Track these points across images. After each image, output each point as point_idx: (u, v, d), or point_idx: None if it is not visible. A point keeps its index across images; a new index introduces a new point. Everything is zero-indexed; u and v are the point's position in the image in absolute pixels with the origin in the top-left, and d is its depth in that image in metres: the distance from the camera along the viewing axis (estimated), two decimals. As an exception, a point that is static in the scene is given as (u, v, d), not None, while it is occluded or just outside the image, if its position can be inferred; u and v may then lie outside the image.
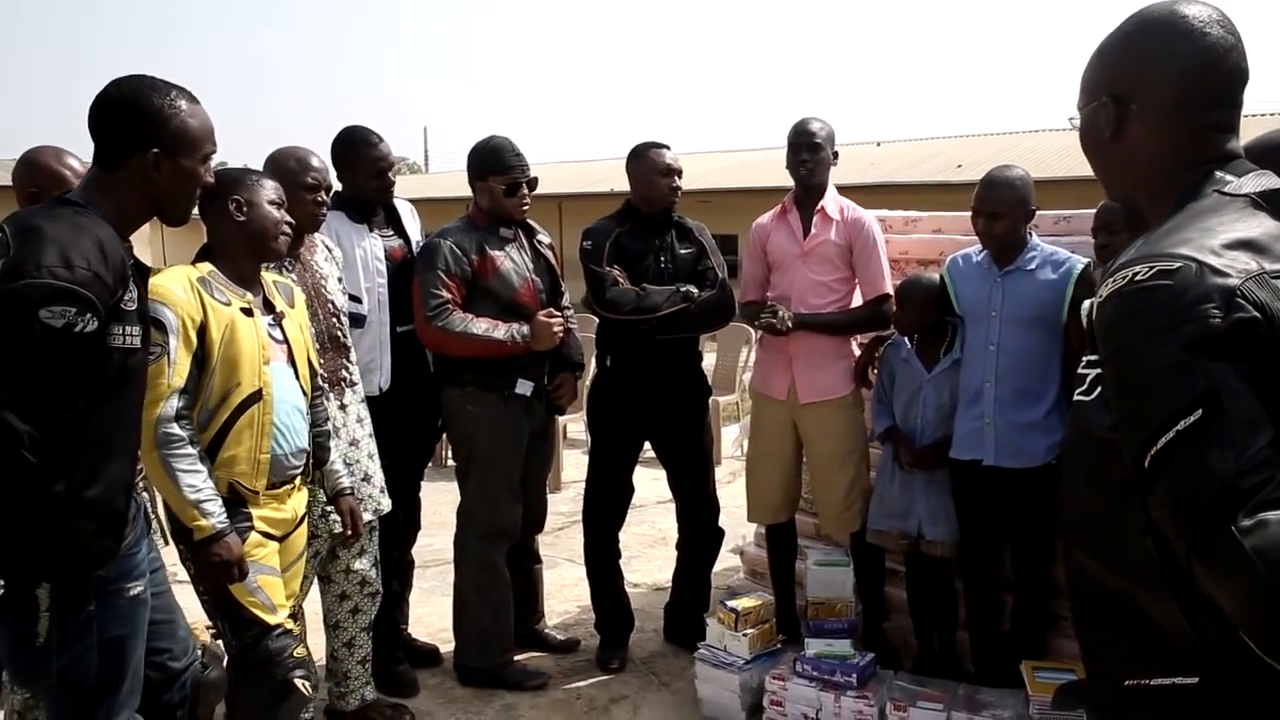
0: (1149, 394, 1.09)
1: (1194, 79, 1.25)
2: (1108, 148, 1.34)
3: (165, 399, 2.24)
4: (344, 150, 3.32)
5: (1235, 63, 1.26)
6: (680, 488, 3.80)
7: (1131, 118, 1.29)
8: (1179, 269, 1.09)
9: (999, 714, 2.89)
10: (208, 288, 2.36)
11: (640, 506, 5.34)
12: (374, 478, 3.08)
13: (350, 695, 3.22)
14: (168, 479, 2.25)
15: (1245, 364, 1.05)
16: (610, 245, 3.55)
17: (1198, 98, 1.26)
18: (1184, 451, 1.05)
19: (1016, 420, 3.05)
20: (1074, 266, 3.02)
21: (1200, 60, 1.24)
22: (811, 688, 3.10)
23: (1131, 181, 1.35)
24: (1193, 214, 1.20)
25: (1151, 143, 1.29)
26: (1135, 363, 1.11)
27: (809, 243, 3.45)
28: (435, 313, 3.24)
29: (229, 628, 2.43)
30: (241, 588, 2.38)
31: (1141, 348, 1.10)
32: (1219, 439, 1.03)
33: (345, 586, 3.12)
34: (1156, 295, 1.10)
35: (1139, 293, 1.11)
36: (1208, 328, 1.06)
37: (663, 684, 3.61)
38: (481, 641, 3.53)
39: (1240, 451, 1.02)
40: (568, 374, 3.60)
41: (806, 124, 3.46)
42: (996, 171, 3.11)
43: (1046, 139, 19.18)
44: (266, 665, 2.39)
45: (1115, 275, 1.15)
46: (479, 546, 3.48)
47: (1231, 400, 1.04)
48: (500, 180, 3.38)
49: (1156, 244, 1.16)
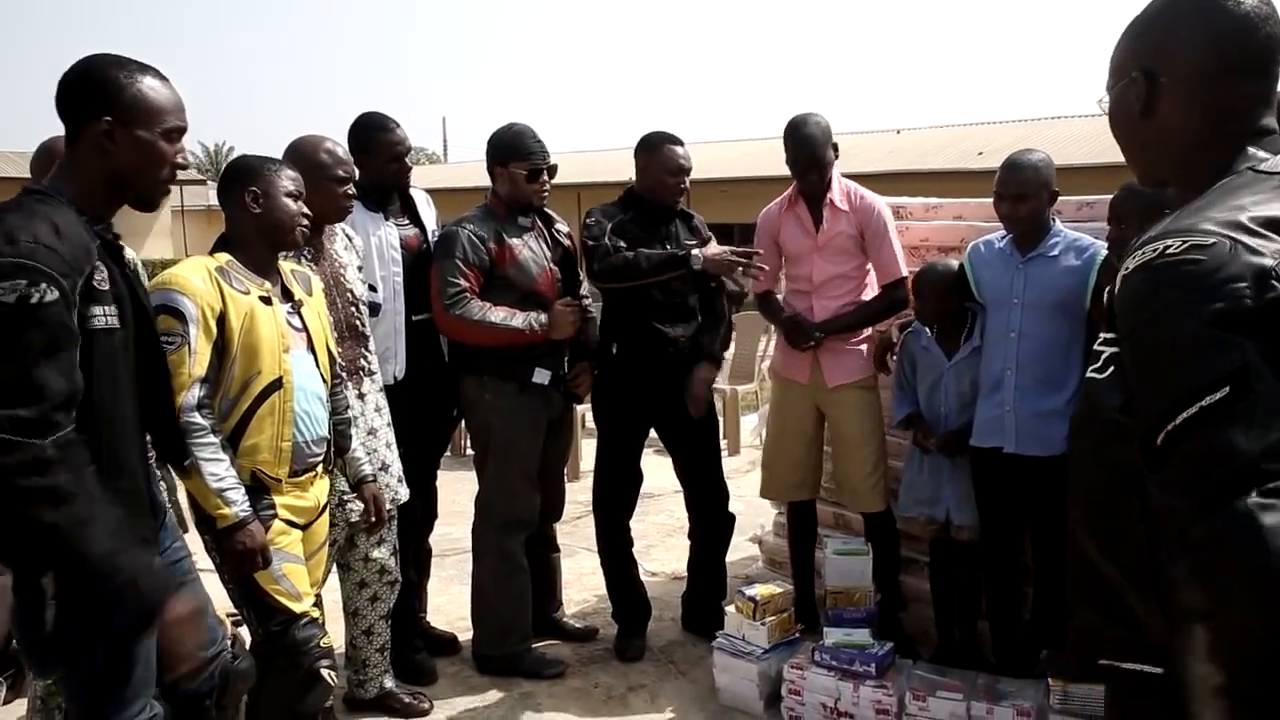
0: (1172, 367, 1.06)
1: (1226, 48, 1.21)
2: (1138, 126, 1.30)
3: (187, 388, 2.24)
4: (361, 136, 3.31)
5: (1271, 30, 1.21)
6: (688, 475, 3.79)
7: (1162, 93, 1.26)
8: (1213, 245, 1.07)
9: (1019, 704, 2.87)
10: (226, 277, 2.37)
11: (658, 496, 5.33)
12: (392, 467, 3.08)
13: (369, 683, 3.23)
14: (201, 453, 2.26)
15: (1272, 347, 1.02)
16: (614, 226, 3.51)
17: (1230, 68, 1.22)
18: (1207, 428, 1.01)
19: (1037, 408, 3.02)
20: (1098, 252, 2.98)
21: (1233, 29, 1.21)
22: (830, 677, 3.08)
23: (1164, 161, 1.31)
24: (1225, 190, 1.17)
25: (1182, 117, 1.26)
26: (1159, 336, 1.08)
27: (823, 237, 3.43)
28: (453, 301, 3.24)
29: (254, 616, 2.43)
30: (267, 575, 2.38)
31: (1168, 321, 1.07)
32: (1245, 418, 0.99)
33: (364, 575, 3.13)
34: (1189, 270, 1.07)
35: (1169, 266, 1.08)
36: (1240, 306, 1.03)
37: (680, 673, 3.61)
38: (500, 630, 3.53)
39: (1264, 432, 0.99)
40: (585, 363, 3.59)
41: (803, 137, 3.36)
42: (1017, 155, 3.08)
43: (1068, 125, 19.01)
44: (293, 654, 2.40)
45: (1144, 249, 1.12)
46: (497, 535, 3.48)
47: (1260, 381, 1.00)
48: (521, 165, 3.37)
49: (1188, 218, 1.13)
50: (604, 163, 23.94)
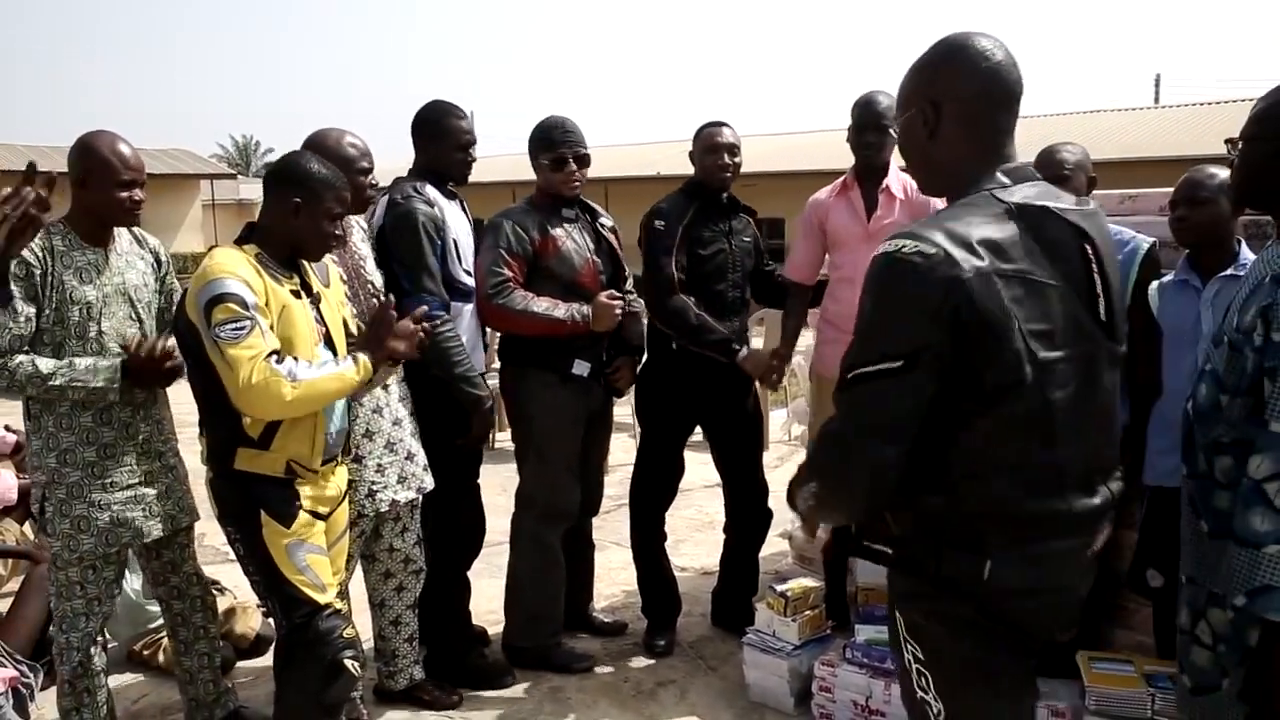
0: (872, 335, 1.50)
1: (992, 86, 1.56)
2: (926, 146, 1.62)
3: (266, 357, 2.22)
4: (431, 120, 3.27)
5: (1018, 76, 1.58)
6: (730, 470, 3.77)
7: (945, 119, 1.58)
8: (932, 254, 1.43)
9: (1054, 704, 2.83)
10: (264, 264, 2.37)
11: (687, 491, 5.30)
12: (417, 456, 3.08)
13: (399, 675, 3.24)
14: (324, 388, 2.32)
15: (950, 337, 1.43)
16: (683, 231, 3.48)
17: (994, 102, 1.57)
18: (878, 383, 1.46)
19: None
20: (1139, 247, 2.93)
21: (997, 71, 1.56)
22: (861, 674, 3.06)
23: (940, 176, 1.65)
24: (965, 206, 1.53)
25: (958, 140, 1.59)
26: (869, 310, 1.50)
27: (874, 224, 3.39)
28: (496, 290, 3.24)
29: (279, 607, 2.43)
30: (292, 566, 2.39)
31: (877, 302, 1.49)
32: (902, 388, 1.46)
33: (389, 565, 3.13)
34: (906, 269, 1.44)
35: (897, 261, 1.46)
36: (930, 305, 1.42)
37: (710, 668, 3.59)
38: (531, 622, 3.54)
39: (902, 404, 1.46)
40: (626, 358, 3.58)
41: (874, 103, 3.35)
42: (1050, 146, 3.05)
43: (1099, 120, 18.75)
44: (316, 645, 2.40)
45: (892, 239, 1.48)
46: (536, 528, 3.48)
47: (923, 366, 1.44)
48: (547, 156, 3.38)
49: (929, 225, 1.48)
50: (633, 156, 23.93)
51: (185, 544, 2.97)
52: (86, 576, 2.71)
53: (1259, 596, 1.67)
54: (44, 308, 2.58)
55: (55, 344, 2.62)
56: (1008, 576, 1.53)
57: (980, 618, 1.57)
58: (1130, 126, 19.19)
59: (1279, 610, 1.65)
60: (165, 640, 3.43)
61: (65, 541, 2.66)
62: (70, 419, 2.65)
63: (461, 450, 3.27)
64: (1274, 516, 1.65)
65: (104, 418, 2.69)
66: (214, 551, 4.57)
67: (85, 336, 2.64)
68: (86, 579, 2.71)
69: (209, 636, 3.07)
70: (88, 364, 2.60)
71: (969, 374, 1.45)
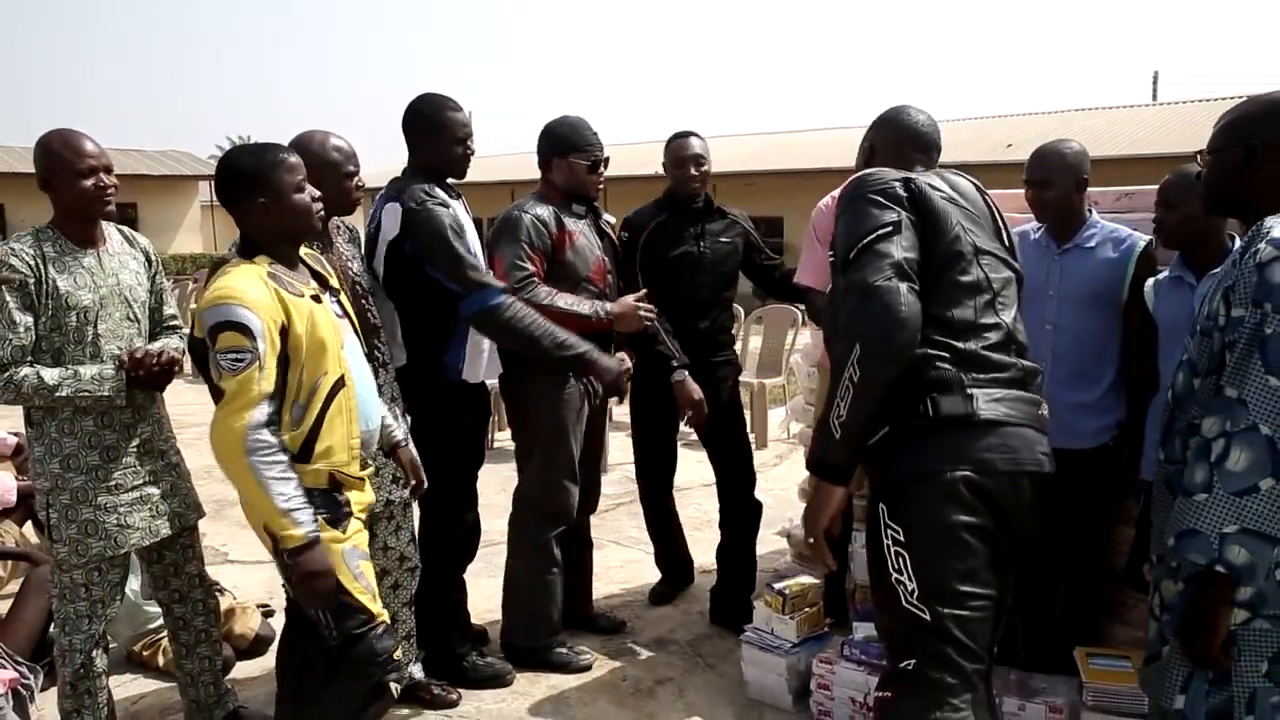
0: (863, 219, 2.02)
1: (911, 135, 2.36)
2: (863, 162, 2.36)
3: (256, 404, 2.15)
4: (427, 113, 3.18)
5: (938, 133, 2.36)
6: (717, 461, 3.87)
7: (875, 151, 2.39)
8: (888, 171, 2.14)
9: (1051, 700, 2.83)
10: (279, 282, 2.28)
11: (685, 489, 5.32)
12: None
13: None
14: (258, 487, 2.13)
15: (913, 216, 2.03)
16: (645, 239, 3.64)
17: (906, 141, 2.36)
18: (878, 244, 1.96)
19: (1069, 400, 2.97)
20: (1136, 244, 2.94)
21: (918, 123, 2.36)
22: (860, 671, 3.06)
23: None
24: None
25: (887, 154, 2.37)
26: (856, 207, 2.05)
27: None
28: (521, 285, 3.22)
29: (332, 618, 2.29)
30: (348, 574, 2.28)
31: (860, 199, 2.05)
32: (896, 240, 1.97)
33: (384, 563, 3.12)
34: (876, 174, 2.10)
35: (870, 172, 2.13)
36: (897, 190, 2.05)
37: (708, 666, 3.60)
38: (530, 622, 3.54)
39: (901, 250, 1.98)
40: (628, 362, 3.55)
41: None
42: (1045, 144, 3.06)
43: (1097, 116, 18.76)
44: (366, 664, 2.30)
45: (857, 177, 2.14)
46: (536, 529, 3.48)
47: (905, 229, 1.99)
48: (582, 157, 3.41)
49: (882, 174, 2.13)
50: (628, 155, 23.86)
51: (189, 544, 2.97)
52: (91, 579, 2.71)
53: (1183, 539, 1.72)
54: (41, 315, 2.59)
55: (54, 350, 2.62)
56: (991, 410, 1.96)
57: (975, 474, 1.93)
58: (1128, 123, 19.20)
59: (1199, 552, 1.69)
60: (165, 641, 3.43)
61: (73, 546, 2.66)
62: (73, 423, 2.66)
63: (461, 450, 3.27)
64: (1208, 468, 1.70)
65: (105, 420, 2.69)
66: (213, 552, 4.57)
67: (83, 341, 2.65)
68: (91, 581, 2.71)
69: (210, 640, 3.07)
70: (93, 373, 2.61)
71: (925, 248, 1.99)
